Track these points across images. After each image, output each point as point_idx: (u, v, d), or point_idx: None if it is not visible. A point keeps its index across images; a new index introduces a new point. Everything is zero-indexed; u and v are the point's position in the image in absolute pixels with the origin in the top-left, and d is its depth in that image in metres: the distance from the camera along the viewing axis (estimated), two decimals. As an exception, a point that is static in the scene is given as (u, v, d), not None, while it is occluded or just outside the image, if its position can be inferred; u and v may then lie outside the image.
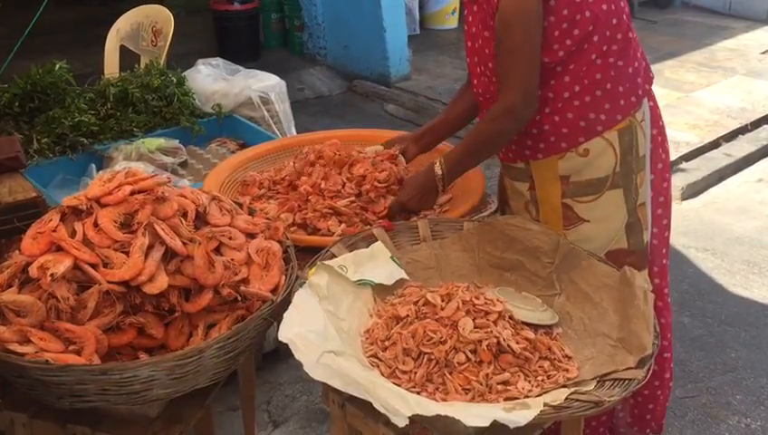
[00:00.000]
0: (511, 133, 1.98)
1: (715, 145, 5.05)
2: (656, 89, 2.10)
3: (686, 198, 4.44)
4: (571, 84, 1.92)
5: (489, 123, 1.97)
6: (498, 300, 1.76)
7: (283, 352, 2.93)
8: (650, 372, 1.57)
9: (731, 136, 5.18)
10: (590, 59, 1.90)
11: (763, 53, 6.79)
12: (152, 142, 2.92)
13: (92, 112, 3.01)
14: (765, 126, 5.38)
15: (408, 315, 1.74)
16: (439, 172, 2.05)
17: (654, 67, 2.16)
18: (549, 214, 2.05)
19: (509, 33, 1.84)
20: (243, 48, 6.39)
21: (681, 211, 4.26)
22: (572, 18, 1.85)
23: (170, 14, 3.95)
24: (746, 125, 5.30)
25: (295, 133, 3.44)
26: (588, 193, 2.00)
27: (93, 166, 2.83)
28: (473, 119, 2.28)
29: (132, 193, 1.73)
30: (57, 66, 3.05)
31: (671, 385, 2.32)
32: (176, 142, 3.00)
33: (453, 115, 2.30)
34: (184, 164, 2.98)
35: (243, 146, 3.08)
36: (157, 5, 4.14)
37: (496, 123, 1.95)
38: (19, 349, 1.52)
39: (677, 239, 3.86)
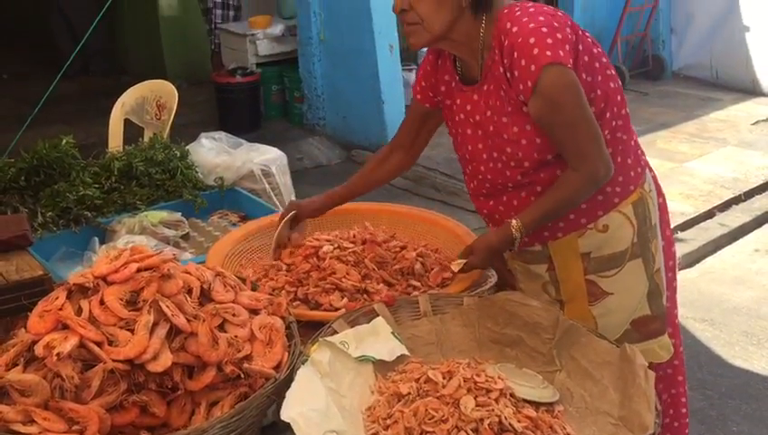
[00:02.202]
0: (588, 198, 1.98)
1: (709, 215, 5.13)
2: (648, 159, 2.17)
3: (682, 269, 4.48)
4: None
5: (572, 192, 1.93)
6: (499, 377, 1.77)
7: (281, 426, 2.88)
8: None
9: (725, 206, 5.27)
10: (603, 135, 1.95)
11: (754, 123, 6.93)
12: (155, 215, 2.95)
13: (97, 186, 3.04)
14: (759, 196, 5.47)
15: (409, 393, 1.74)
16: (518, 236, 1.98)
17: (646, 138, 2.25)
18: (573, 291, 2.06)
19: (560, 110, 1.84)
20: (243, 118, 6.52)
21: (678, 281, 4.28)
22: (588, 97, 1.90)
23: (174, 90, 4.05)
24: (740, 195, 5.38)
25: (295, 205, 3.48)
26: (610, 267, 2.03)
27: (96, 239, 2.85)
28: (389, 181, 2.40)
29: (138, 270, 1.75)
30: (63, 141, 3.10)
31: None
32: (178, 215, 3.02)
33: (375, 178, 2.37)
34: (186, 237, 3.00)
35: (244, 218, 3.12)
36: (161, 81, 4.25)
37: (581, 192, 1.93)
38: (23, 429, 1.52)
39: (675, 310, 3.88)
